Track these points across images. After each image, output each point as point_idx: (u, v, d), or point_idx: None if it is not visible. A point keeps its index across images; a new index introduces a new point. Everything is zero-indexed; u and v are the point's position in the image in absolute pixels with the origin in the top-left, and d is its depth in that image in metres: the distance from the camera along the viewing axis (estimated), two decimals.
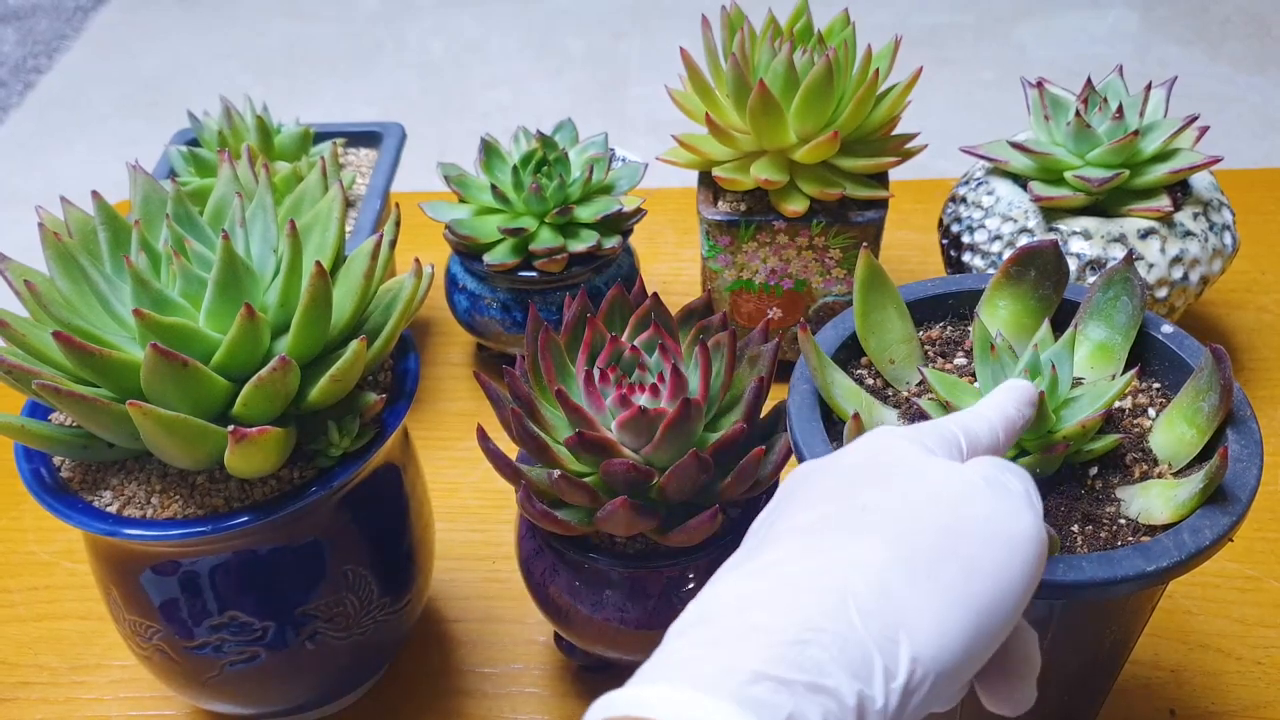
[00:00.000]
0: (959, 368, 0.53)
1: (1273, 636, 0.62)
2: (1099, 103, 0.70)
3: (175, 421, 0.45)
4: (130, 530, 0.48)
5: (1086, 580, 0.41)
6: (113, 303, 0.49)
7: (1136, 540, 0.44)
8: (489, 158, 0.76)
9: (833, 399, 0.49)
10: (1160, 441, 0.48)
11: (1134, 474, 0.47)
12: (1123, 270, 0.51)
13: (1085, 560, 0.42)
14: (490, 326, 0.77)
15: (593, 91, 1.84)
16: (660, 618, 0.54)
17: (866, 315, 0.52)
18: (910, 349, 0.53)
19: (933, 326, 0.55)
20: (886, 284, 0.52)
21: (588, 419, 0.51)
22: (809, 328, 0.49)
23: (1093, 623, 0.48)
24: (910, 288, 0.55)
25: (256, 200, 0.53)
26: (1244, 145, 1.68)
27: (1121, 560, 0.42)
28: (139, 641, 0.54)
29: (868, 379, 0.53)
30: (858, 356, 0.54)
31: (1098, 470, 0.47)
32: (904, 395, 0.52)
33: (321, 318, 0.49)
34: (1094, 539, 0.45)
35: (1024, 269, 0.52)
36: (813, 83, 0.67)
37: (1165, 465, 0.48)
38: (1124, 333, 0.51)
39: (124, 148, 1.68)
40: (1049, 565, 0.41)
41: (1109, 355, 0.51)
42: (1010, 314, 0.52)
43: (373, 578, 0.55)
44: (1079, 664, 0.49)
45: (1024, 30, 2.00)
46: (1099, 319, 0.51)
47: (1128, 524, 0.45)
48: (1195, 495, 0.43)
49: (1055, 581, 0.41)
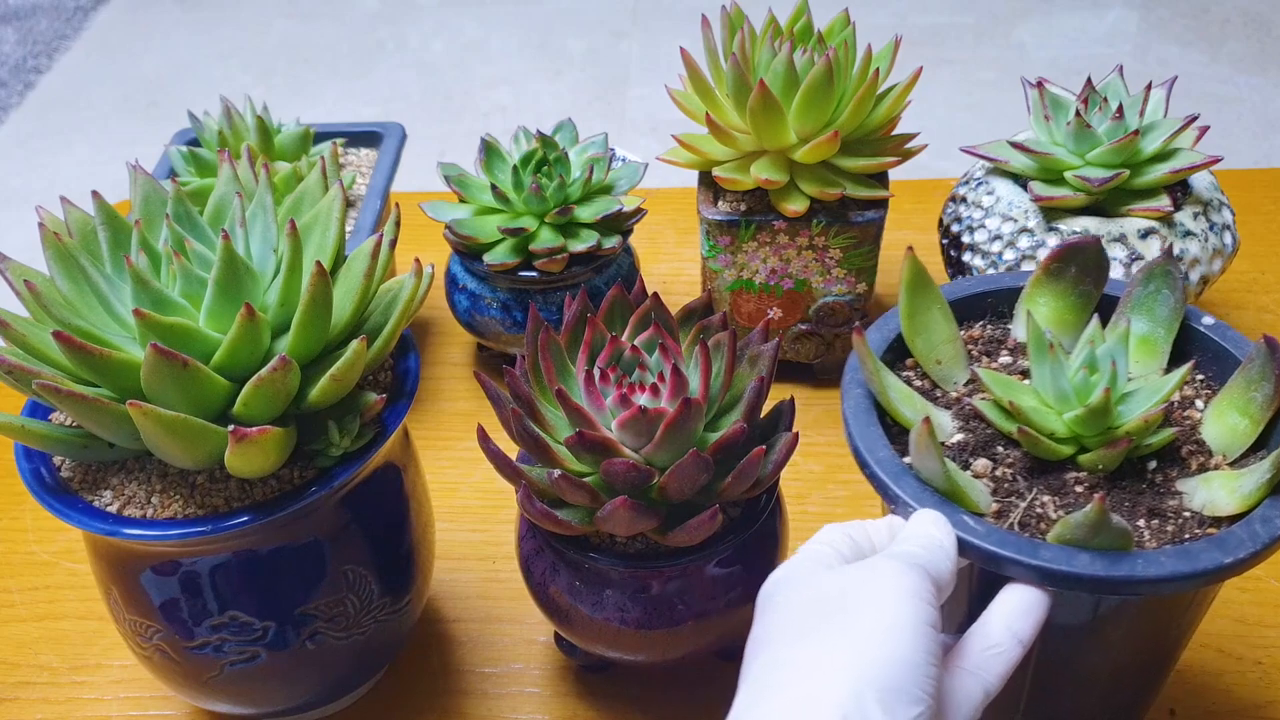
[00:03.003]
0: (1005, 366, 0.53)
1: (1273, 636, 0.62)
2: (1099, 103, 0.70)
3: (175, 421, 0.45)
4: (130, 530, 0.48)
5: (1168, 575, 0.41)
6: (113, 303, 0.49)
7: (1204, 533, 0.44)
8: (489, 158, 0.76)
9: (890, 403, 0.49)
10: (1213, 433, 0.48)
11: (1191, 466, 0.47)
12: (1163, 264, 0.51)
13: (1163, 555, 0.42)
14: (490, 326, 0.77)
15: (593, 91, 1.85)
16: (660, 617, 0.54)
17: (913, 316, 0.52)
18: (955, 349, 0.53)
19: (973, 326, 0.55)
20: (930, 285, 0.52)
21: (588, 419, 0.51)
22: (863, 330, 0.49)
23: (1162, 617, 0.48)
24: (950, 287, 0.55)
25: (256, 200, 0.53)
26: (1244, 145, 1.68)
27: (1200, 553, 0.42)
28: (139, 641, 0.54)
29: (915, 380, 0.53)
30: (903, 358, 0.54)
31: (1156, 464, 0.47)
32: (953, 395, 0.52)
33: (321, 318, 0.49)
34: (1161, 533, 0.45)
35: (1064, 265, 0.52)
36: (813, 83, 0.67)
37: (1220, 456, 0.48)
38: (1166, 326, 0.51)
39: (124, 148, 1.68)
40: (1129, 560, 0.41)
41: (1152, 348, 0.51)
42: (1051, 311, 0.53)
43: (373, 578, 0.55)
44: (1145, 658, 0.49)
45: (1024, 30, 2.00)
46: (1140, 313, 0.52)
47: (1193, 516, 0.45)
48: (1262, 485, 0.43)
49: (1136, 577, 0.41)
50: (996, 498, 0.46)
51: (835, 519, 0.70)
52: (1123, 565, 0.41)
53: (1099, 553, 0.42)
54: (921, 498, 0.45)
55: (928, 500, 0.45)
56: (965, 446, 0.49)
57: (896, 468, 0.46)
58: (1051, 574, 0.42)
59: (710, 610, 0.55)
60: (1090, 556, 0.42)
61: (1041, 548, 0.42)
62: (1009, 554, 0.42)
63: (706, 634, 0.56)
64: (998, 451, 0.48)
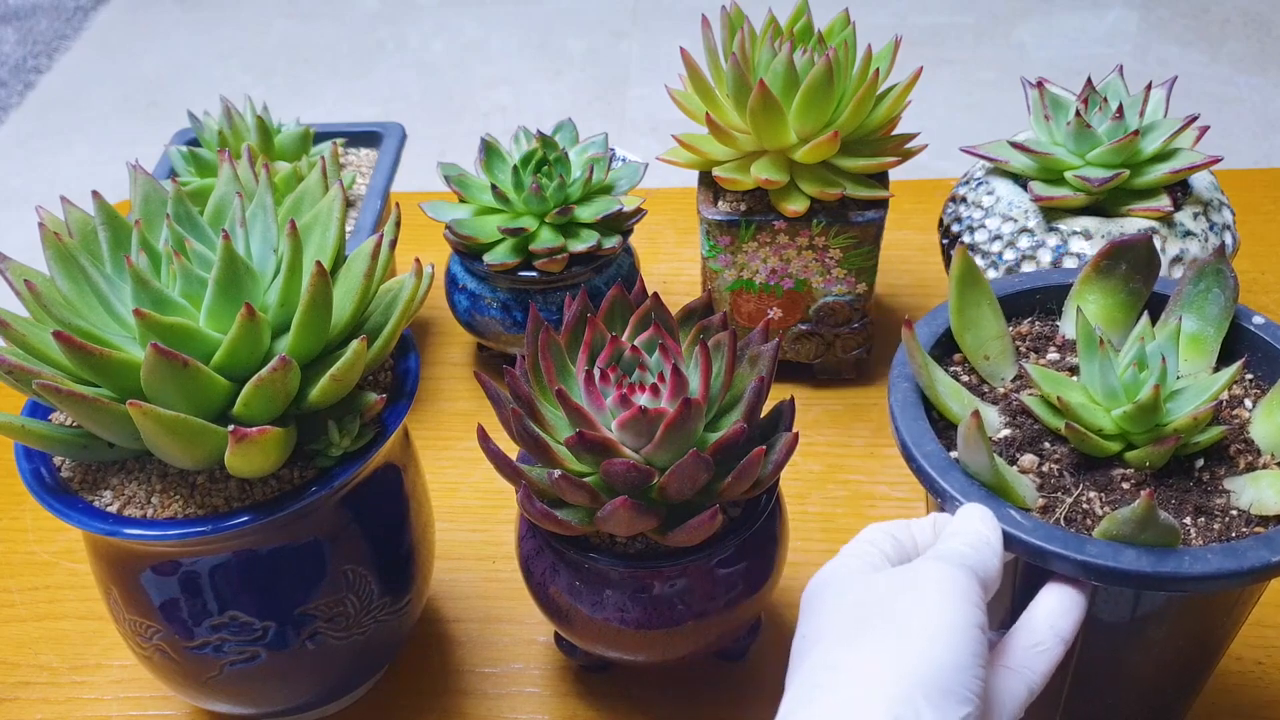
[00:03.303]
0: (1053, 362, 0.53)
1: (1273, 636, 0.62)
2: (1099, 103, 0.70)
3: (175, 421, 0.45)
4: (130, 530, 0.48)
5: (1214, 572, 0.41)
6: (113, 303, 0.49)
7: (1250, 531, 0.44)
8: (489, 158, 0.76)
9: (937, 398, 0.49)
10: (1262, 432, 0.48)
11: (1239, 465, 0.48)
12: (1214, 263, 0.51)
13: (1210, 552, 0.42)
14: (490, 326, 0.77)
15: (593, 91, 1.85)
16: (660, 617, 0.54)
17: (962, 312, 0.52)
18: (1003, 345, 0.53)
19: (1021, 322, 0.55)
20: (980, 281, 0.52)
21: (588, 419, 0.51)
22: (912, 325, 0.49)
23: (1207, 616, 0.48)
24: (1000, 283, 0.55)
25: (257, 200, 0.53)
26: (1244, 145, 1.68)
27: (1247, 551, 0.42)
28: (139, 641, 0.54)
29: (962, 375, 0.53)
30: (950, 353, 0.54)
31: (1204, 462, 0.48)
32: (1000, 391, 0.52)
33: (322, 318, 0.49)
34: (1207, 530, 0.45)
35: (1114, 263, 0.52)
36: (813, 83, 0.67)
37: (1269, 456, 0.48)
38: (1216, 324, 0.51)
39: (124, 148, 1.68)
40: (1176, 557, 0.42)
41: (1202, 347, 0.51)
42: (1100, 308, 0.53)
43: (373, 578, 0.55)
44: (1187, 658, 0.49)
45: (1024, 30, 2.00)
46: (1190, 311, 0.52)
47: (1240, 515, 0.45)
48: None
49: (1182, 574, 0.41)
50: (1043, 493, 0.47)
51: (835, 519, 0.71)
52: (1169, 562, 0.41)
53: (1145, 549, 0.42)
54: (968, 492, 0.45)
55: (974, 495, 0.45)
56: (1012, 442, 0.49)
57: (943, 462, 0.47)
58: (1098, 569, 0.42)
59: (710, 610, 0.55)
60: (1137, 552, 0.42)
61: (1088, 543, 0.42)
62: (1055, 549, 0.42)
63: (706, 634, 0.56)
64: (1045, 447, 0.49)
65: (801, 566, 0.68)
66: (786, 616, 0.65)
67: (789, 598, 0.66)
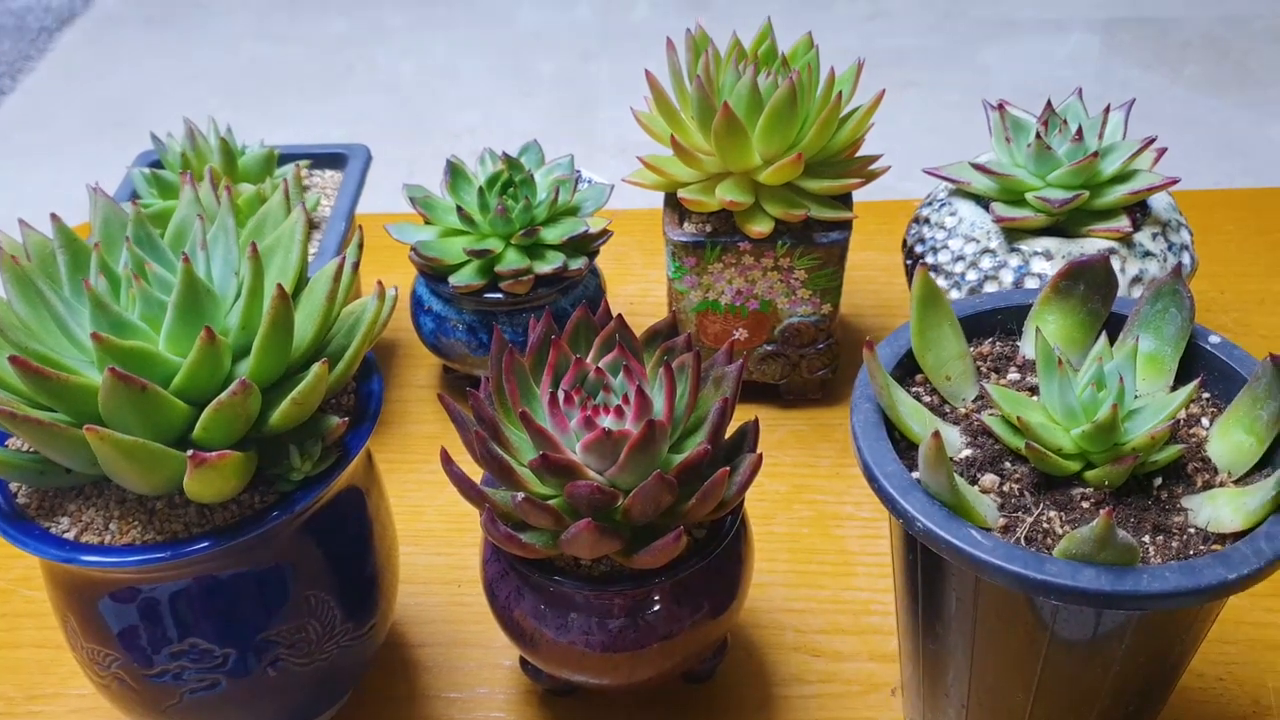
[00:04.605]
0: (1014, 382, 0.53)
1: (1234, 653, 0.63)
2: (1059, 125, 0.71)
3: (133, 446, 0.44)
4: (87, 557, 0.48)
5: (1172, 590, 0.41)
6: (71, 326, 0.49)
7: (1208, 549, 0.45)
8: (455, 179, 0.76)
9: (899, 418, 0.49)
10: (1218, 450, 0.49)
11: (1196, 483, 0.48)
12: (1171, 283, 0.52)
13: (1168, 570, 0.42)
14: (456, 348, 0.77)
15: (563, 114, 1.85)
16: (626, 640, 0.54)
17: (923, 332, 0.53)
18: (965, 365, 0.53)
19: (982, 342, 0.56)
20: (941, 301, 0.53)
21: (552, 441, 0.51)
22: (873, 346, 0.49)
23: (1167, 632, 0.48)
24: (960, 304, 0.56)
25: (218, 222, 0.52)
26: (1204, 167, 1.71)
27: (1204, 569, 0.42)
28: (97, 670, 0.53)
29: (924, 396, 0.53)
30: (912, 374, 0.54)
31: (1162, 481, 0.48)
32: (961, 411, 0.52)
33: (283, 341, 0.48)
34: (1166, 549, 0.45)
35: (1073, 283, 0.53)
36: (776, 105, 0.68)
37: (1225, 474, 0.48)
38: (1173, 344, 0.52)
39: (90, 170, 1.67)
40: (1134, 575, 0.42)
41: (1159, 366, 0.52)
42: (1059, 328, 0.53)
43: (336, 603, 0.55)
44: (1149, 674, 0.50)
45: (989, 54, 2.02)
46: (1148, 331, 0.52)
47: (1197, 533, 0.46)
48: (1267, 503, 0.44)
49: (1140, 592, 0.41)
50: (1004, 513, 0.47)
51: (801, 539, 0.71)
52: (1127, 580, 0.42)
53: (1104, 567, 0.42)
54: (929, 512, 0.45)
55: (935, 515, 0.45)
56: (973, 462, 0.49)
57: (905, 482, 0.47)
58: (1057, 588, 0.42)
59: (676, 632, 0.55)
60: (1095, 571, 0.42)
61: (1047, 562, 0.43)
62: (1015, 568, 0.42)
63: (672, 656, 0.56)
64: (1005, 467, 0.49)
65: (768, 587, 0.68)
66: (753, 637, 0.65)
67: (755, 618, 0.66)
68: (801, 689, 0.62)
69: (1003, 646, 0.49)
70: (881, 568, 0.69)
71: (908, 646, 0.56)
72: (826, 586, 0.68)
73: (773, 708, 0.62)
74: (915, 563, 0.51)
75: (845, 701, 0.62)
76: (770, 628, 0.66)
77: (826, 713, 0.61)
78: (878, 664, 0.64)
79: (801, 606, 0.67)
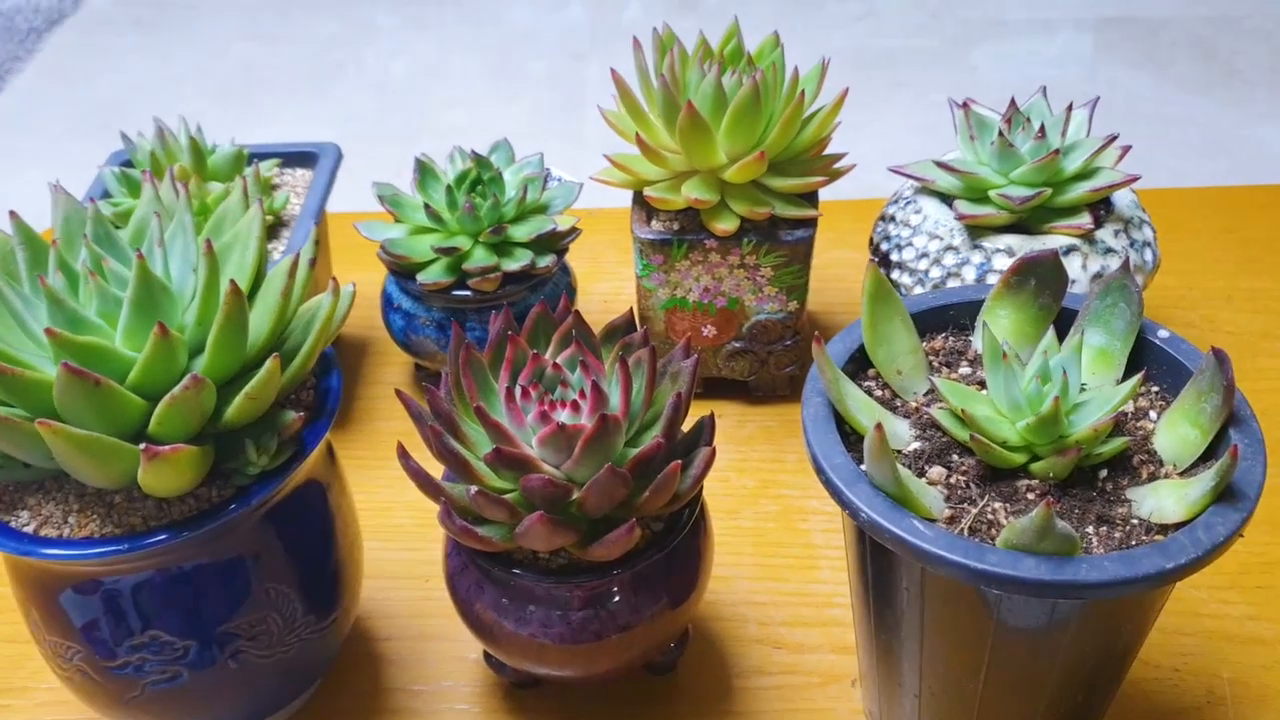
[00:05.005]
0: (964, 376, 0.54)
1: (1189, 644, 0.63)
2: (1022, 123, 0.72)
3: (87, 440, 0.45)
4: (47, 550, 0.48)
5: (1110, 579, 0.42)
6: (29, 322, 0.49)
7: (1150, 539, 0.45)
8: (423, 177, 0.76)
9: (848, 411, 0.50)
10: (1164, 443, 0.50)
11: (1142, 475, 0.49)
12: (1120, 278, 0.52)
13: (1108, 560, 0.43)
14: (425, 346, 0.78)
15: (551, 113, 1.85)
16: (585, 632, 0.55)
17: (875, 327, 0.53)
18: (916, 360, 0.54)
19: (935, 337, 0.56)
20: (892, 297, 0.53)
21: (507, 435, 0.51)
22: (822, 340, 0.50)
23: (1111, 621, 0.49)
24: (912, 300, 0.56)
25: (176, 220, 0.53)
26: (1191, 166, 1.71)
27: (1142, 559, 0.43)
28: (60, 663, 0.54)
29: (876, 390, 0.54)
30: (865, 369, 0.55)
31: (1107, 473, 0.49)
32: (912, 405, 0.53)
33: (237, 337, 0.49)
34: (1109, 539, 0.46)
35: (1024, 279, 0.53)
36: (741, 103, 0.68)
37: (1170, 466, 0.49)
38: (1123, 338, 0.52)
39: (77, 171, 1.67)
40: (1073, 565, 0.43)
41: (1109, 360, 0.52)
42: (1011, 323, 0.54)
43: (297, 596, 0.55)
44: (1095, 663, 0.50)
45: (978, 54, 2.03)
46: (1098, 325, 0.53)
47: (1140, 524, 0.46)
48: (1207, 494, 0.44)
49: (1079, 581, 0.42)
50: (950, 504, 0.47)
51: (767, 534, 0.72)
52: (1066, 570, 0.42)
53: (1044, 557, 0.43)
54: (874, 503, 0.46)
55: (879, 506, 0.46)
56: (921, 454, 0.50)
57: (851, 474, 0.47)
58: (998, 577, 0.43)
59: (634, 624, 0.55)
60: (1036, 561, 0.43)
61: (988, 552, 0.43)
62: (957, 558, 0.43)
63: (631, 648, 0.56)
64: (953, 460, 0.50)
65: (732, 580, 0.69)
66: (714, 629, 0.66)
67: (717, 610, 0.67)
68: (763, 680, 0.63)
69: (951, 636, 0.50)
70: (845, 561, 0.70)
71: (863, 637, 0.56)
72: (790, 580, 0.69)
73: (734, 699, 0.62)
74: (866, 554, 0.51)
75: (806, 693, 0.62)
76: (733, 620, 0.66)
77: (787, 703, 0.62)
78: (839, 655, 0.64)
79: (764, 599, 0.68)
